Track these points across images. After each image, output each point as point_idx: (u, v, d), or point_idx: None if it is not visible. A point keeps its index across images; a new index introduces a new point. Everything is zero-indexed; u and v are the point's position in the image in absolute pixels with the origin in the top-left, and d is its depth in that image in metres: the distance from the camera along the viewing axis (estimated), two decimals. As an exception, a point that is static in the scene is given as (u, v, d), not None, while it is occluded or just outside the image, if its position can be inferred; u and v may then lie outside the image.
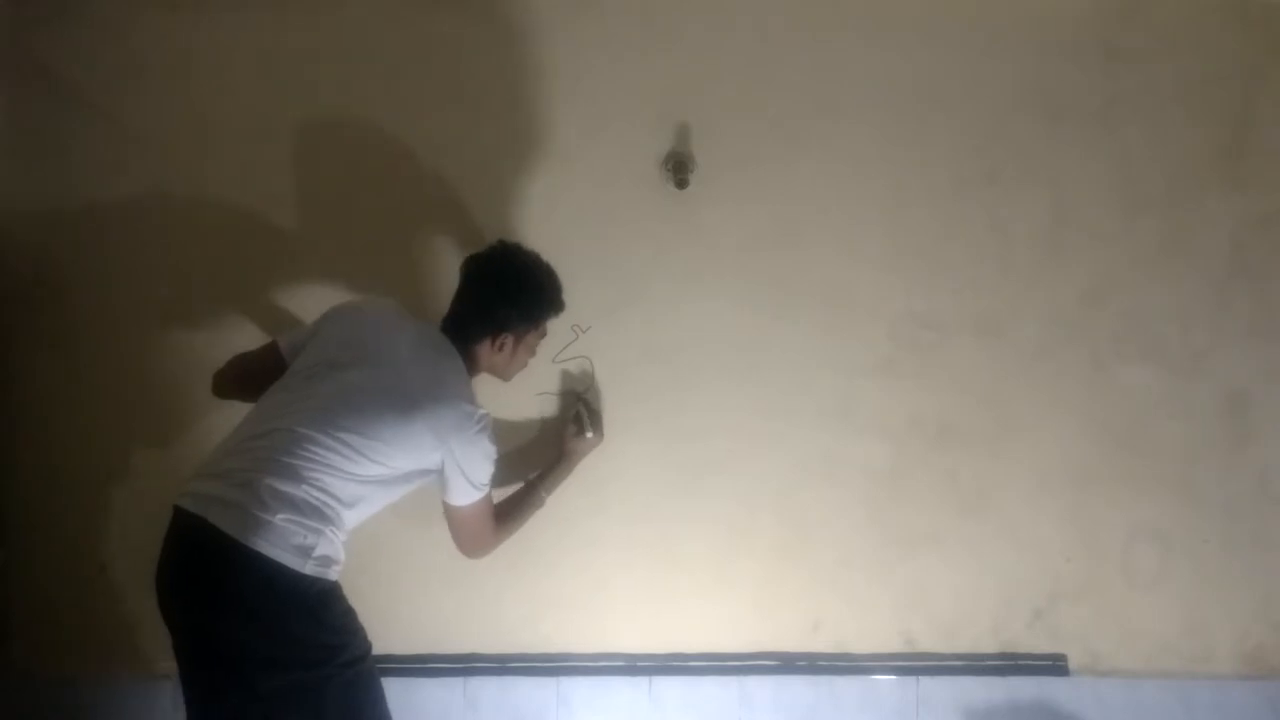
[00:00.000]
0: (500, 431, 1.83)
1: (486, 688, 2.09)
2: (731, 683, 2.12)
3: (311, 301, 2.03)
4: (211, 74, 2.02)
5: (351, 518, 1.65)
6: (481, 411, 1.73)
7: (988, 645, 2.16)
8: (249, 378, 1.78)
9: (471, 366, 1.82)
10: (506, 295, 1.82)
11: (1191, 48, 2.14)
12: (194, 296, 2.04)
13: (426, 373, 1.71)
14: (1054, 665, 2.16)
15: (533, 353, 1.90)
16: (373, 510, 1.70)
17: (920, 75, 2.10)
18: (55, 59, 2.00)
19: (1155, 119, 2.13)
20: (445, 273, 2.05)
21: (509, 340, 1.82)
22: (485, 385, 1.89)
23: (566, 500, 2.08)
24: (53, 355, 2.03)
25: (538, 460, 2.03)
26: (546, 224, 2.06)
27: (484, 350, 1.82)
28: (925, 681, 2.14)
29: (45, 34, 2.00)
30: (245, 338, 2.03)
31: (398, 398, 1.66)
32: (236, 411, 2.02)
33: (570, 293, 2.06)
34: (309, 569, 1.56)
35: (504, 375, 1.89)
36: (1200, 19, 2.13)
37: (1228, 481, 2.17)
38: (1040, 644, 2.16)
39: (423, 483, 1.74)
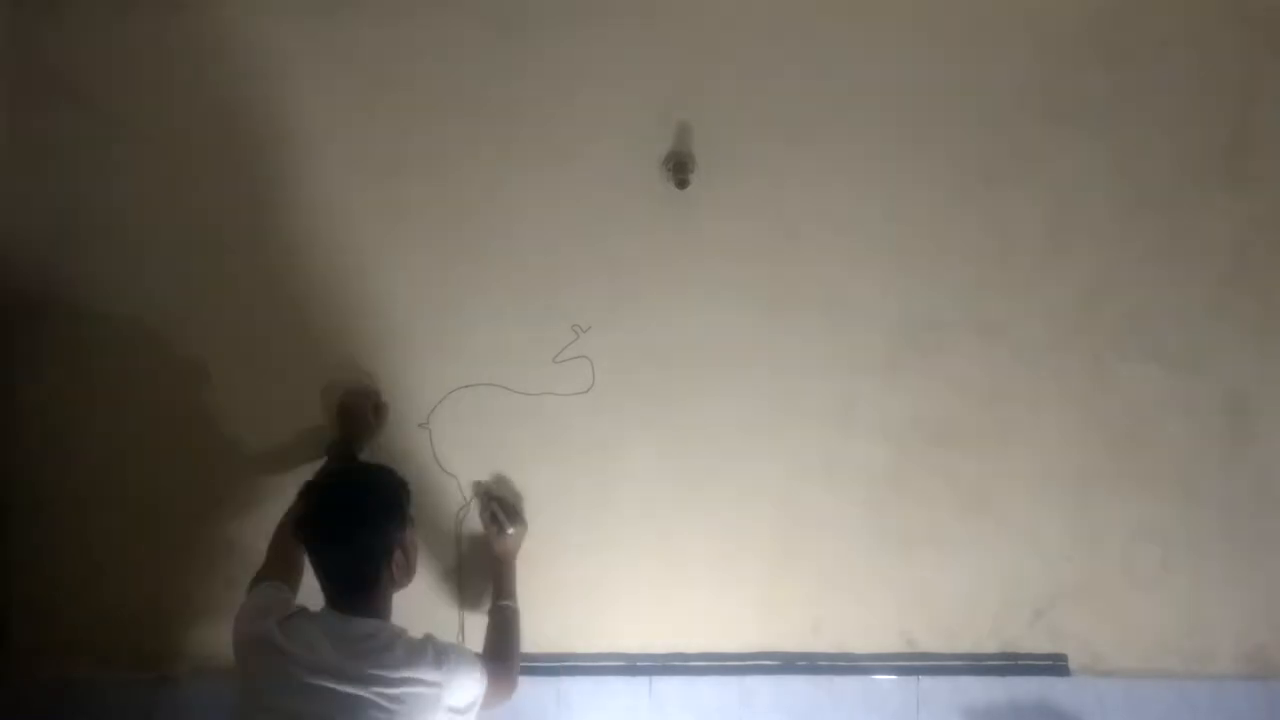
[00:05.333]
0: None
1: (487, 688, 2.09)
2: (731, 683, 2.12)
3: (313, 302, 2.04)
4: (213, 75, 2.02)
5: None
6: (428, 644, 1.68)
7: (988, 645, 2.16)
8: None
9: (385, 612, 1.70)
10: (364, 523, 1.66)
11: (1191, 48, 2.13)
12: (197, 299, 2.03)
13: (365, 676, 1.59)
14: (1054, 665, 2.16)
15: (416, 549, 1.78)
16: None
17: (920, 75, 2.10)
18: (56, 59, 2.00)
19: (1155, 119, 2.13)
20: (446, 273, 2.06)
21: (398, 554, 1.69)
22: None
23: (566, 501, 2.08)
24: (55, 357, 2.03)
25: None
26: (547, 224, 2.06)
27: (385, 587, 1.69)
28: (926, 681, 2.14)
29: (46, 34, 2.00)
30: (248, 340, 2.04)
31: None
32: (241, 418, 2.04)
33: (570, 293, 2.07)
34: None
35: (407, 584, 1.76)
36: (1200, 19, 2.13)
37: (1228, 481, 2.17)
38: (1040, 644, 2.16)
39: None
